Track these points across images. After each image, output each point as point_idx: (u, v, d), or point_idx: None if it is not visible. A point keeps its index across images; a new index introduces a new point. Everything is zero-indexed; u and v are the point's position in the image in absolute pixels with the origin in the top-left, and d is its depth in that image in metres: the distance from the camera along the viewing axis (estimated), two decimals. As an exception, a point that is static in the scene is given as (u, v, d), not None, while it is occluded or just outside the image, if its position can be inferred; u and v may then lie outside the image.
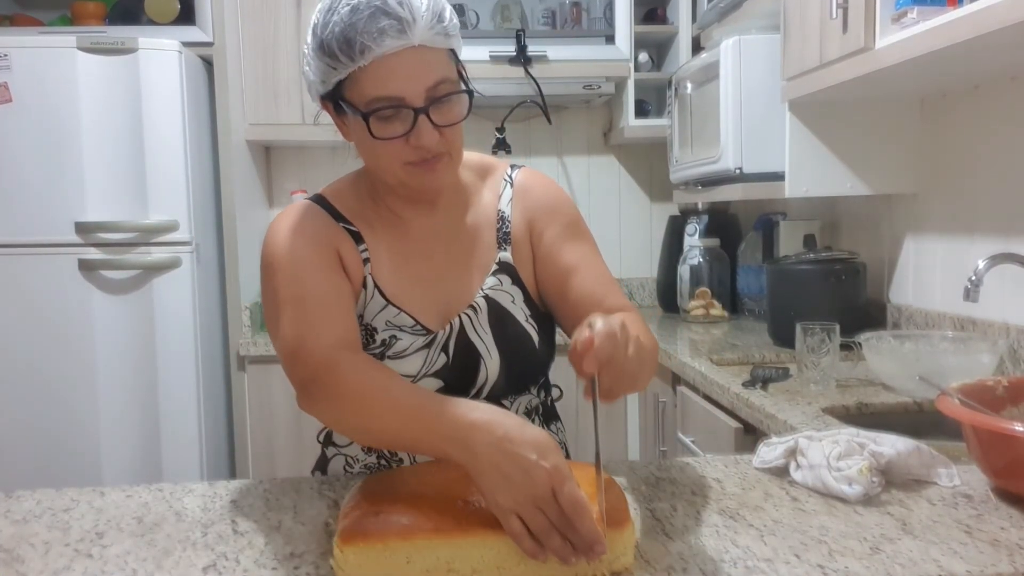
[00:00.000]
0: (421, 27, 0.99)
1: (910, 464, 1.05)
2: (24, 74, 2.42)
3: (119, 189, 2.47)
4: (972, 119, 1.89)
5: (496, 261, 1.17)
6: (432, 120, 1.02)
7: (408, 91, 1.00)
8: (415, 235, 1.16)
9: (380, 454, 1.19)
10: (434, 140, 1.03)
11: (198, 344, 2.55)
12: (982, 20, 1.28)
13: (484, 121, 3.18)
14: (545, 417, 1.26)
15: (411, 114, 1.01)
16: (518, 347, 1.16)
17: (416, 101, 1.00)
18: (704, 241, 2.92)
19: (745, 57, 2.27)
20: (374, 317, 1.13)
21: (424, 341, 1.13)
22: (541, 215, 1.19)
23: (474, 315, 1.14)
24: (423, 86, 1.00)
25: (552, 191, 1.23)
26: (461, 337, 1.14)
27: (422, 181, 1.07)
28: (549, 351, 1.22)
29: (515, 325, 1.16)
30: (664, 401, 2.33)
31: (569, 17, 3.14)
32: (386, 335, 1.12)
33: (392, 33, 0.97)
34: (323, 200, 1.17)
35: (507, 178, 1.22)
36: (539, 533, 0.78)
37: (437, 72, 1.01)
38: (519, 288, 1.17)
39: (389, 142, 1.03)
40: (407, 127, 1.01)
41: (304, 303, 1.06)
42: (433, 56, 1.01)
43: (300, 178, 3.23)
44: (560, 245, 1.18)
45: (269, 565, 0.87)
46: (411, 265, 1.15)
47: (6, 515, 1.03)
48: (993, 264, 1.52)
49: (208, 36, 2.68)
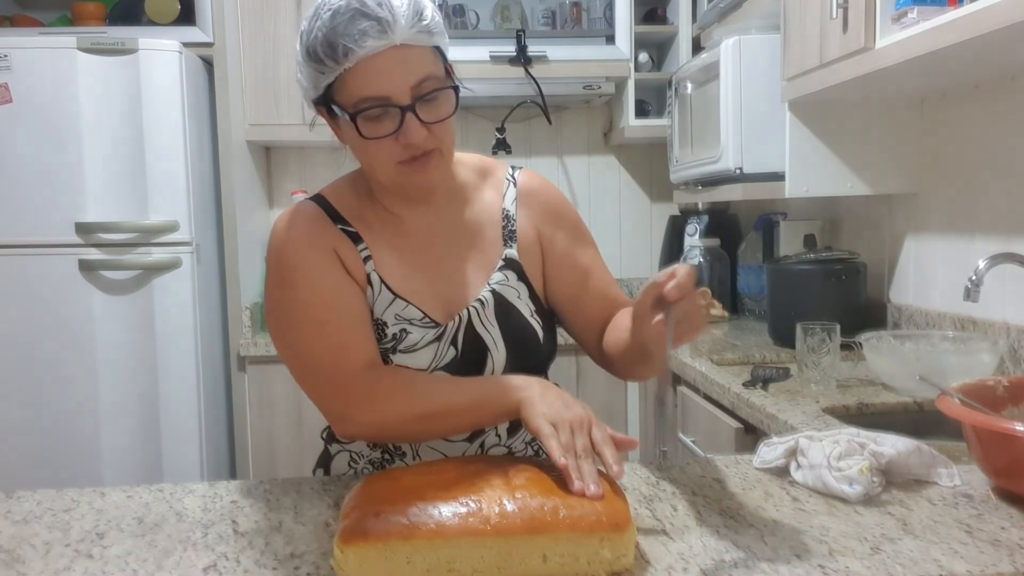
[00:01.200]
0: (401, 26, 1.00)
1: (910, 464, 1.05)
2: (24, 75, 2.42)
3: (119, 189, 2.47)
4: (972, 119, 1.89)
5: (502, 257, 1.18)
6: (420, 117, 1.03)
7: (393, 90, 1.02)
8: (414, 233, 1.17)
9: (385, 448, 1.20)
10: (422, 137, 1.04)
11: (198, 344, 2.55)
12: (982, 20, 1.28)
13: (484, 121, 3.18)
14: None
15: (398, 112, 1.02)
16: (524, 340, 1.17)
17: (402, 99, 1.02)
18: (704, 241, 2.92)
19: (745, 57, 2.27)
20: (384, 312, 1.13)
21: (434, 334, 1.14)
22: (549, 219, 1.22)
23: (481, 308, 1.16)
24: (407, 84, 1.02)
25: (557, 195, 1.26)
26: (469, 330, 1.15)
27: (414, 179, 1.08)
28: (551, 347, 1.23)
29: (521, 319, 1.18)
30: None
31: (569, 17, 3.14)
32: (396, 329, 1.13)
33: (373, 34, 0.99)
34: (323, 200, 1.17)
35: (509, 178, 1.24)
36: (566, 447, 0.91)
37: (421, 70, 1.03)
38: (524, 284, 1.19)
39: (379, 142, 1.04)
40: (395, 126, 1.03)
41: (327, 326, 1.09)
42: (416, 54, 1.03)
43: (300, 178, 3.23)
44: (573, 248, 1.22)
45: (269, 565, 0.87)
46: (413, 260, 1.16)
47: (6, 516, 1.03)
48: (993, 264, 1.52)
49: (208, 36, 2.68)
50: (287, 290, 1.11)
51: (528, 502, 0.83)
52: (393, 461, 1.20)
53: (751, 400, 1.66)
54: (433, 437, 1.15)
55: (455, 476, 0.88)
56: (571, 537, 0.81)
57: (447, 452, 1.18)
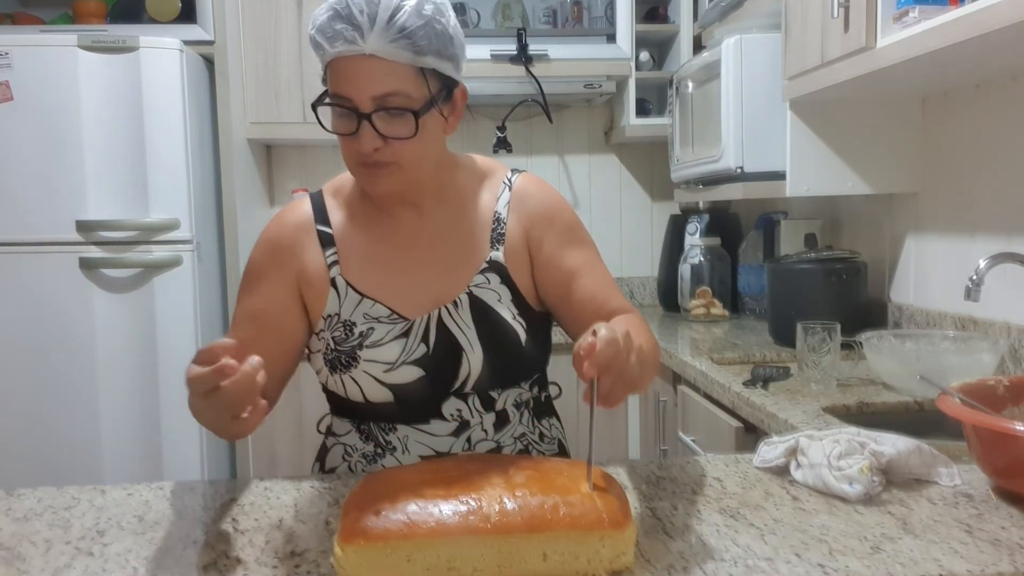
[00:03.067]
0: (374, 37, 1.03)
1: (911, 463, 1.05)
2: (25, 72, 2.42)
3: (120, 187, 2.47)
4: (974, 118, 1.89)
5: (487, 260, 1.19)
6: (376, 128, 1.06)
7: (354, 94, 1.06)
8: (401, 230, 1.20)
9: (376, 442, 1.21)
10: (373, 147, 1.07)
11: (199, 342, 2.55)
12: (983, 19, 1.28)
13: (485, 120, 3.18)
14: (536, 412, 1.27)
15: (356, 116, 1.06)
16: (502, 342, 1.18)
17: (363, 106, 1.06)
18: (705, 240, 2.92)
19: (746, 56, 2.26)
20: (352, 313, 1.17)
21: (401, 329, 1.16)
22: (539, 222, 1.22)
23: (454, 309, 1.17)
24: (368, 94, 1.05)
25: (550, 197, 1.25)
26: (441, 328, 1.17)
27: (367, 183, 1.13)
28: (540, 350, 1.24)
29: (500, 322, 1.18)
30: (665, 400, 2.33)
31: (570, 16, 3.14)
32: (364, 327, 1.16)
33: (343, 39, 1.04)
34: (319, 198, 1.23)
35: (506, 181, 1.24)
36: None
37: (388, 84, 1.05)
38: (508, 288, 1.19)
39: (344, 139, 1.09)
40: (352, 128, 1.07)
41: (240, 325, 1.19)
42: (388, 68, 1.05)
43: (301, 177, 3.23)
44: (560, 251, 1.20)
45: (270, 564, 0.87)
46: (391, 258, 1.19)
47: (7, 513, 1.03)
48: (994, 263, 1.52)
49: (209, 35, 2.68)
50: (244, 279, 1.22)
51: (528, 500, 0.83)
52: (384, 455, 1.21)
53: (751, 399, 1.66)
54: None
55: (455, 474, 0.88)
56: (571, 535, 0.81)
57: (434, 447, 1.19)
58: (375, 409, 1.19)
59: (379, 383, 1.16)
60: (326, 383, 1.21)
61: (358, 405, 1.19)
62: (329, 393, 1.25)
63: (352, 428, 1.23)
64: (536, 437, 1.26)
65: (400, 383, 1.16)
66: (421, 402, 1.17)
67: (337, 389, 1.19)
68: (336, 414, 1.27)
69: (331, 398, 1.26)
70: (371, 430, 1.21)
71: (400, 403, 1.17)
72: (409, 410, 1.18)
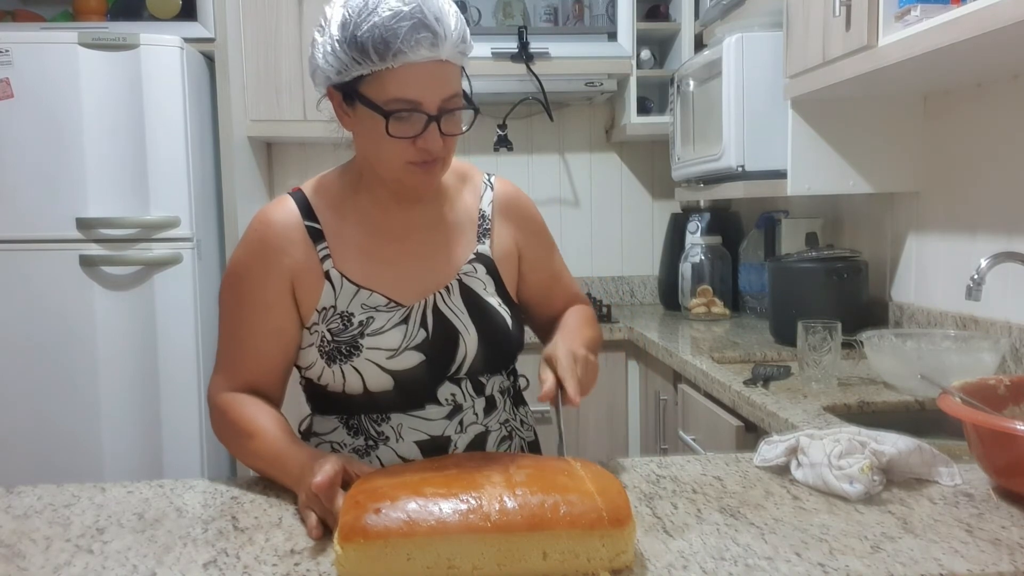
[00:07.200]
0: (449, 44, 1.09)
1: (911, 463, 1.05)
2: (26, 70, 2.42)
3: (120, 185, 2.47)
4: (975, 117, 1.88)
5: (474, 252, 1.26)
6: (440, 128, 1.11)
7: (426, 98, 1.09)
8: (393, 225, 1.24)
9: (367, 435, 1.22)
10: (439, 146, 1.12)
11: (199, 340, 2.56)
12: (985, 18, 1.28)
13: (486, 118, 3.18)
14: (515, 400, 1.34)
15: (424, 119, 1.10)
16: (493, 326, 1.24)
17: (431, 109, 1.10)
18: (706, 239, 2.92)
19: (747, 54, 2.26)
20: (348, 304, 1.19)
21: (400, 316, 1.19)
22: (526, 229, 1.33)
23: (447, 295, 1.22)
24: (439, 96, 1.10)
25: (530, 203, 1.37)
26: (436, 313, 1.21)
27: (417, 180, 1.16)
28: (520, 337, 1.30)
29: (488, 307, 1.24)
30: (665, 399, 2.33)
31: (571, 14, 3.13)
32: (363, 317, 1.19)
33: (426, 45, 1.06)
34: (301, 195, 1.24)
35: (486, 182, 1.32)
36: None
37: (453, 86, 1.12)
38: (492, 278, 1.26)
39: (398, 141, 1.10)
40: (417, 130, 1.10)
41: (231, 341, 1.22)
42: (452, 71, 1.12)
43: (301, 174, 3.23)
44: (544, 255, 1.36)
45: (270, 561, 0.87)
46: (384, 250, 1.23)
47: (7, 510, 1.03)
48: (995, 263, 1.52)
49: (210, 32, 2.68)
50: (226, 288, 1.24)
51: (529, 499, 0.83)
52: (376, 447, 1.21)
53: (752, 398, 1.66)
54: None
55: (455, 473, 0.88)
56: (571, 534, 0.82)
57: (429, 431, 1.20)
58: (372, 399, 1.19)
59: (381, 370, 1.17)
60: (318, 377, 1.20)
61: (352, 397, 1.19)
62: (312, 391, 1.25)
63: (339, 424, 1.23)
64: (517, 424, 1.32)
65: (402, 368, 1.18)
66: (419, 387, 1.20)
67: (333, 381, 1.19)
68: (319, 412, 1.27)
69: (314, 395, 1.26)
70: (361, 423, 1.21)
71: (399, 389, 1.19)
72: (406, 396, 1.20)
